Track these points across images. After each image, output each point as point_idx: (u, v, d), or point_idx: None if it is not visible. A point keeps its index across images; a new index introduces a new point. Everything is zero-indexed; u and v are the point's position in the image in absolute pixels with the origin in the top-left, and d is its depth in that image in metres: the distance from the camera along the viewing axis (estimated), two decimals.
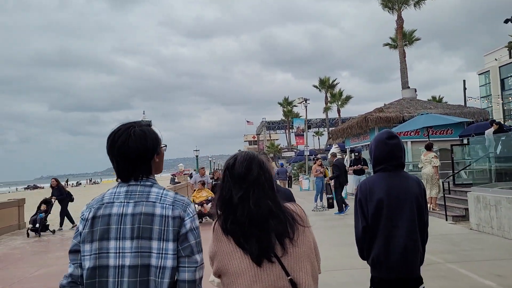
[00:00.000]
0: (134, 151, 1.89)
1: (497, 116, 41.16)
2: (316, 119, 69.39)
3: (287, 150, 66.91)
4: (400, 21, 30.92)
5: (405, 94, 25.01)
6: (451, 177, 12.83)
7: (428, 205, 12.81)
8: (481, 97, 47.61)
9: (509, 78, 45.78)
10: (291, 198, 3.18)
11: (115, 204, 1.85)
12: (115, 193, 1.90)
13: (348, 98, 51.06)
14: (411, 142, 21.04)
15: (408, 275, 2.80)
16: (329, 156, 18.43)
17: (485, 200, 9.38)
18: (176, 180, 38.90)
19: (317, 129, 75.11)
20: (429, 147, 12.76)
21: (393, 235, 2.78)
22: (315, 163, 16.16)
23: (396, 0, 30.67)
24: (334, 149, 22.38)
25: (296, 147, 61.33)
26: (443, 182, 11.97)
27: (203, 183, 13.75)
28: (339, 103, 50.45)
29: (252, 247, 1.84)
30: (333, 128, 42.47)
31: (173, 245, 1.80)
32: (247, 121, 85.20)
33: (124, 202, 1.86)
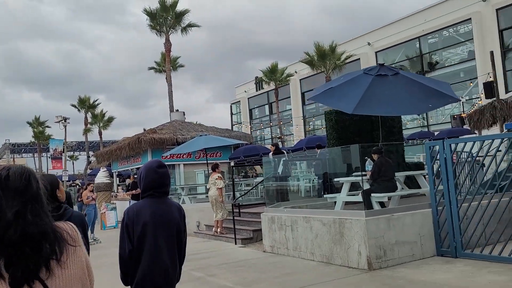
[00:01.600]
0: None
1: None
2: (72, 142, 63.59)
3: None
4: (168, 44, 31.05)
5: (175, 117, 24.93)
6: (236, 199, 12.63)
7: (215, 229, 12.32)
8: (233, 124, 52.80)
9: (256, 108, 51.95)
10: (83, 222, 3.14)
11: None
12: None
13: (110, 119, 48.42)
14: (184, 164, 20.81)
15: None
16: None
17: (281, 221, 9.25)
18: None
19: (72, 152, 68.95)
20: (214, 168, 12.24)
21: (157, 256, 3.04)
22: (85, 189, 13.84)
23: (164, 23, 30.73)
24: (102, 173, 20.18)
25: (47, 172, 54.76)
26: (233, 204, 11.60)
27: None
28: (101, 124, 47.37)
29: (18, 270, 1.53)
30: (94, 151, 39.46)
31: None
32: None
33: None
